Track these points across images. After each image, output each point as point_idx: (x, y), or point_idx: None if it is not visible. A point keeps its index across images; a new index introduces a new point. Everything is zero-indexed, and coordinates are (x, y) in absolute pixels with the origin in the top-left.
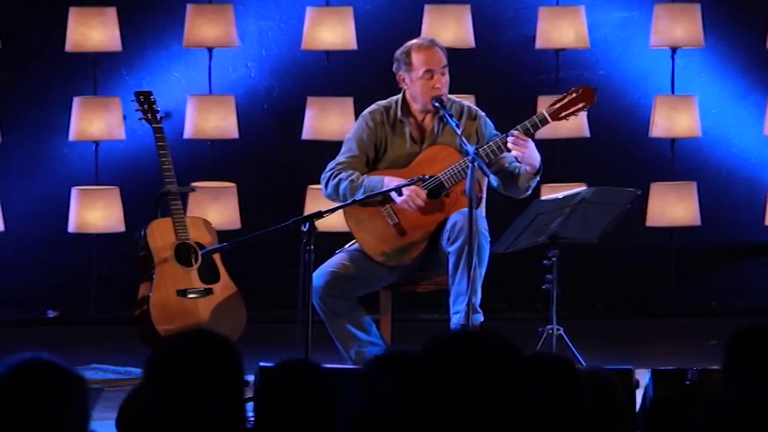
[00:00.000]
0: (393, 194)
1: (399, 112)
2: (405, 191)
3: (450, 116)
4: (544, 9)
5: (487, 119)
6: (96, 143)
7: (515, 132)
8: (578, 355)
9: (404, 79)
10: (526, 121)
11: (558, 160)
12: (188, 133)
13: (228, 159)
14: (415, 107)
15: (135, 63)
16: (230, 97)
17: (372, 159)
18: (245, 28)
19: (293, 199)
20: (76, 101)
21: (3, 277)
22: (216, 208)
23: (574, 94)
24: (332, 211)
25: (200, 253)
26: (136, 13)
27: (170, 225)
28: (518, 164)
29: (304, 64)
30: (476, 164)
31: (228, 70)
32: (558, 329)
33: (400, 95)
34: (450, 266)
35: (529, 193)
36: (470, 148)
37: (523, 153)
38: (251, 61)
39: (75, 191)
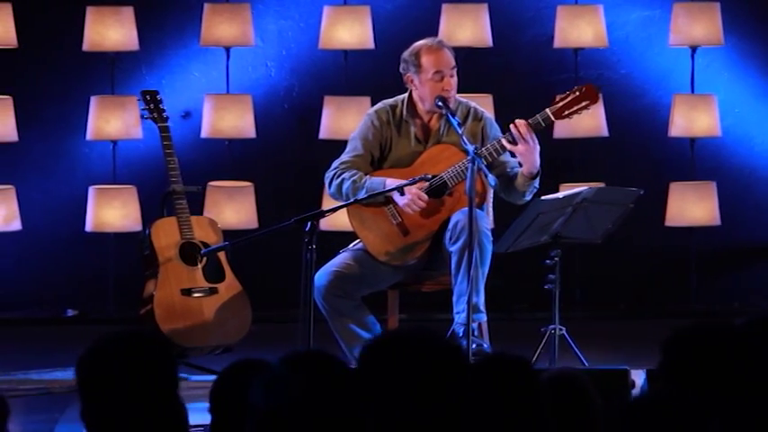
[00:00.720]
0: (395, 196)
1: (405, 112)
2: (406, 194)
3: (453, 116)
4: (562, 8)
5: (493, 121)
6: (114, 142)
7: (518, 123)
8: (580, 355)
9: (412, 80)
10: (529, 120)
11: (577, 160)
12: (205, 132)
13: (246, 159)
14: (422, 108)
15: (155, 62)
16: (247, 96)
17: (377, 158)
18: (264, 27)
19: (310, 198)
20: (93, 100)
21: (22, 276)
22: (233, 207)
23: (578, 93)
24: (333, 210)
25: (201, 252)
26: (155, 12)
27: (175, 224)
28: (519, 168)
29: (324, 63)
30: (476, 164)
31: (248, 70)
32: (561, 329)
33: (406, 95)
34: (453, 266)
35: (528, 198)
36: (470, 148)
37: (524, 149)
38: (271, 61)
39: (92, 190)
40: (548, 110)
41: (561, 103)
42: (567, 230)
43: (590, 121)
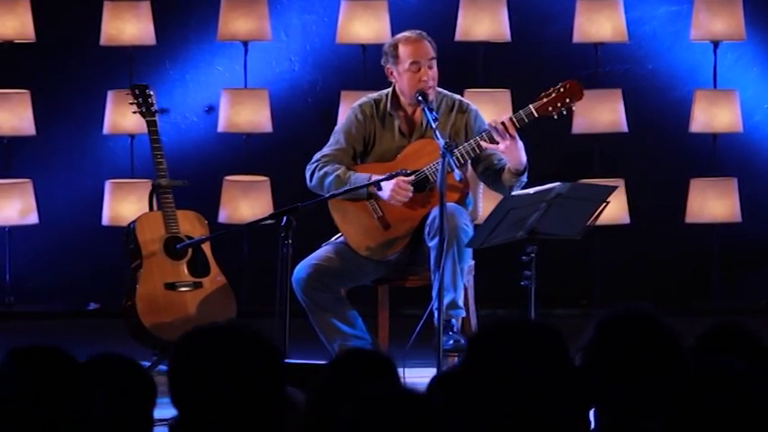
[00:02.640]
0: (379, 191)
1: (389, 106)
2: (389, 186)
3: (431, 110)
4: (582, 3)
5: (479, 113)
6: (132, 136)
7: (504, 120)
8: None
9: (392, 72)
10: (512, 115)
11: (597, 156)
12: (222, 127)
13: (263, 153)
14: (404, 100)
15: (179, 56)
16: (264, 91)
17: (360, 152)
18: (288, 21)
19: None
20: (110, 94)
21: (45, 270)
22: (248, 202)
23: (561, 90)
24: (309, 204)
25: (177, 246)
26: (179, 6)
27: (160, 219)
28: (505, 161)
29: (347, 58)
30: (446, 158)
31: (272, 64)
32: None
33: (390, 89)
34: (432, 262)
35: (518, 188)
36: (441, 142)
37: (506, 147)
38: (294, 55)
39: (108, 184)
40: (531, 106)
41: (545, 100)
42: (543, 226)
43: (609, 117)
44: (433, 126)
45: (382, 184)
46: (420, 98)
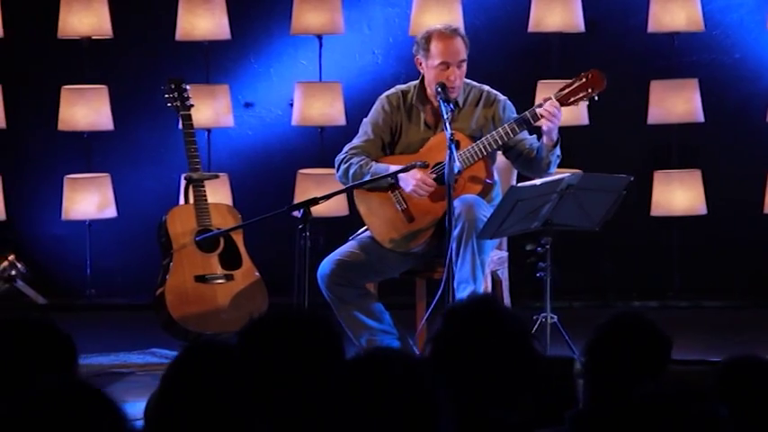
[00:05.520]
0: (401, 183)
1: (415, 98)
2: (412, 179)
3: (447, 102)
4: None
5: (509, 103)
6: (208, 130)
7: (551, 101)
8: (571, 344)
9: (421, 63)
10: (535, 107)
11: (675, 146)
12: (296, 120)
13: (336, 146)
14: (431, 92)
15: (263, 50)
16: (337, 84)
17: (389, 143)
18: (371, 14)
19: None
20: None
21: (124, 263)
22: (321, 194)
23: (584, 79)
24: (327, 197)
25: (196, 239)
26: (255, 1)
27: (191, 212)
28: (537, 143)
29: None
30: (452, 150)
31: (355, 57)
32: (553, 317)
33: (419, 80)
34: (453, 253)
35: (552, 169)
36: (448, 133)
37: (554, 124)
38: (377, 48)
39: (182, 178)
40: (553, 95)
41: (567, 90)
42: (558, 217)
43: (684, 107)
44: (445, 117)
45: (401, 176)
46: (439, 89)
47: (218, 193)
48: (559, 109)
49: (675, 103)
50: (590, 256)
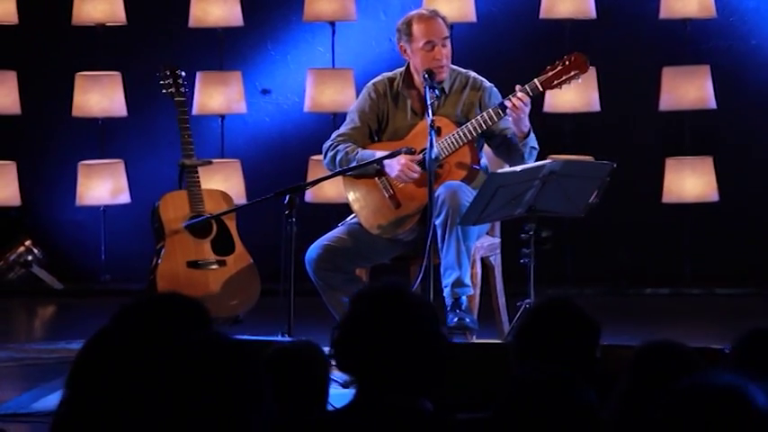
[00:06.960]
0: (387, 169)
1: (401, 85)
2: (397, 164)
3: (432, 88)
4: None
5: (494, 90)
6: (222, 117)
7: (518, 93)
8: None
9: (405, 50)
10: (511, 95)
11: (687, 133)
12: (307, 107)
13: None
14: (417, 79)
15: (280, 37)
16: (349, 71)
17: (376, 131)
18: (388, 1)
19: None
20: (199, 75)
21: (138, 248)
22: (332, 180)
23: (567, 62)
24: (313, 183)
25: (183, 225)
26: None
27: (185, 197)
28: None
29: None
30: (431, 135)
31: (372, 44)
32: None
33: (404, 67)
34: (438, 239)
35: (530, 161)
36: (429, 119)
37: (519, 116)
38: (393, 35)
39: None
40: (536, 80)
41: (550, 73)
42: (542, 204)
43: (696, 93)
44: (428, 103)
45: (387, 162)
46: (426, 76)
47: (231, 178)
48: (526, 101)
49: (688, 89)
50: (602, 243)
